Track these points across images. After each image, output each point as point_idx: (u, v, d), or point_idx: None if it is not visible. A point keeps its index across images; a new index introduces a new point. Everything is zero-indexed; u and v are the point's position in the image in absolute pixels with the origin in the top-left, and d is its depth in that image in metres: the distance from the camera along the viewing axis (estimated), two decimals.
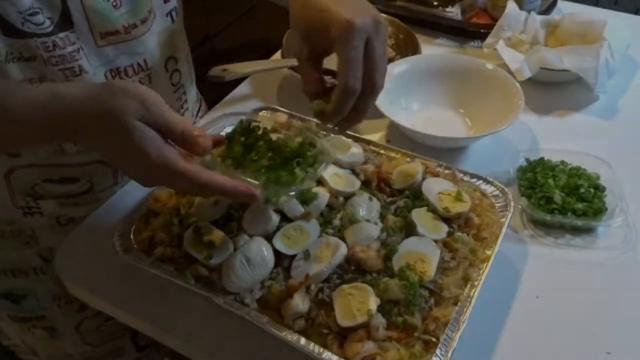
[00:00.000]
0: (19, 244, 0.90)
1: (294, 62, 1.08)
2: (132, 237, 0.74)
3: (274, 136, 0.72)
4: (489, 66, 1.04)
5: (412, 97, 1.03)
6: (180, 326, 0.71)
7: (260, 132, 0.71)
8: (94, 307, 0.79)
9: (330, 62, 0.71)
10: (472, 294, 0.66)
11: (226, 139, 0.70)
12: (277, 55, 1.16)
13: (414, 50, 1.11)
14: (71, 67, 0.73)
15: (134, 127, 0.57)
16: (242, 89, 1.12)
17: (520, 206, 0.84)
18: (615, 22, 1.14)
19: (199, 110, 1.05)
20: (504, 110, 0.96)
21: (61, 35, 0.71)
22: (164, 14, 0.84)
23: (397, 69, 1.02)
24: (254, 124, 0.71)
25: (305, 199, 0.74)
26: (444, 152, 0.93)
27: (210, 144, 0.64)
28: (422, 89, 1.03)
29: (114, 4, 0.74)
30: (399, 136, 0.97)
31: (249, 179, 0.65)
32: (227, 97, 1.09)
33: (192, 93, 0.98)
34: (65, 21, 0.71)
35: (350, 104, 0.65)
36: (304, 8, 0.67)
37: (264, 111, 0.94)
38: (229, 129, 0.80)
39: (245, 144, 0.69)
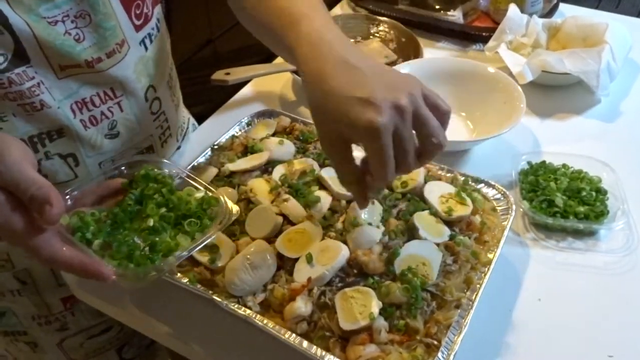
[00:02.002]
0: None
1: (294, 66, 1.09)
2: None
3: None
4: (491, 69, 1.04)
5: None
6: (183, 329, 0.71)
7: (161, 184, 0.68)
8: (101, 310, 0.80)
9: None
10: (474, 297, 0.67)
11: (123, 185, 0.67)
12: (279, 58, 1.17)
13: (416, 53, 1.11)
14: (31, 102, 0.69)
15: None
16: (245, 92, 1.12)
17: (522, 209, 0.84)
18: (617, 25, 1.14)
19: (185, 134, 1.00)
20: (506, 113, 0.96)
21: (17, 71, 0.67)
22: (137, 43, 0.78)
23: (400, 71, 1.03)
24: (157, 172, 0.69)
25: (308, 202, 0.74)
26: (445, 155, 0.93)
27: (57, 216, 0.56)
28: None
29: (77, 37, 0.69)
30: None
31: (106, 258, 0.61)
32: (230, 101, 1.10)
33: (176, 118, 0.93)
34: (20, 57, 0.67)
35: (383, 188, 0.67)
36: (318, 99, 0.59)
37: (266, 115, 0.95)
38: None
39: (138, 196, 0.67)
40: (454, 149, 0.96)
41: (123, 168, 0.72)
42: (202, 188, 0.70)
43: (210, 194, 0.69)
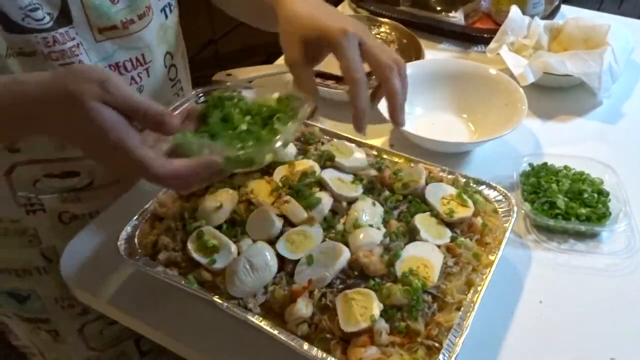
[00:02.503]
0: (21, 242, 0.91)
1: None
2: (136, 241, 0.74)
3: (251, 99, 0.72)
4: (492, 71, 1.04)
5: (415, 101, 1.02)
6: (184, 330, 0.71)
7: (235, 100, 0.70)
8: (97, 310, 0.80)
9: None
10: (475, 299, 0.66)
11: (200, 115, 0.68)
12: (281, 60, 1.17)
13: (417, 55, 1.11)
14: (71, 63, 0.75)
15: (91, 109, 0.56)
16: (247, 93, 1.12)
17: (523, 211, 0.84)
18: (618, 26, 1.14)
19: None
20: (508, 115, 0.96)
21: (61, 30, 0.73)
22: (159, 10, 0.86)
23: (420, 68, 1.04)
24: (225, 93, 0.71)
25: (309, 204, 0.74)
26: (447, 157, 0.93)
27: (177, 122, 0.61)
28: (426, 94, 1.03)
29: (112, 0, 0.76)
30: (402, 141, 0.97)
31: (228, 146, 0.64)
32: None
33: (189, 90, 1.00)
34: (64, 17, 0.73)
35: (364, 93, 0.67)
36: (294, 21, 0.70)
37: None
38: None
39: (220, 116, 0.68)
40: (455, 150, 0.96)
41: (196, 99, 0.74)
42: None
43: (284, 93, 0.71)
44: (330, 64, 1.10)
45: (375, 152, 0.87)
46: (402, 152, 0.86)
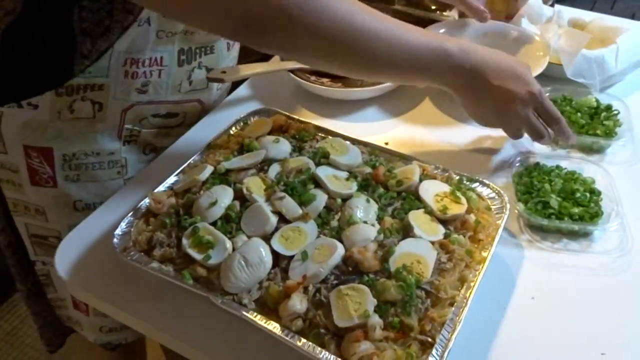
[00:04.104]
0: (113, 174, 0.96)
1: (292, 65, 1.09)
2: (131, 237, 0.74)
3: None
4: (514, 31, 1.15)
5: None
6: (178, 326, 0.71)
7: None
8: (93, 305, 0.80)
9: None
10: (468, 295, 0.67)
11: None
12: (276, 58, 1.17)
13: None
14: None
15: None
16: (241, 91, 1.12)
17: (517, 211, 0.84)
18: (635, 32, 1.14)
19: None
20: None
21: None
22: None
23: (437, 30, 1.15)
24: None
25: (304, 200, 0.75)
26: (440, 155, 0.94)
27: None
28: None
29: None
30: (397, 139, 0.98)
31: None
32: (226, 100, 1.10)
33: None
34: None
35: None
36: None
37: (262, 114, 0.95)
38: None
39: None
40: None
41: None
42: None
43: None
44: None
45: (369, 150, 0.87)
46: (397, 150, 0.87)
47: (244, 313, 0.65)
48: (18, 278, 1.08)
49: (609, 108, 1.04)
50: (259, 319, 0.65)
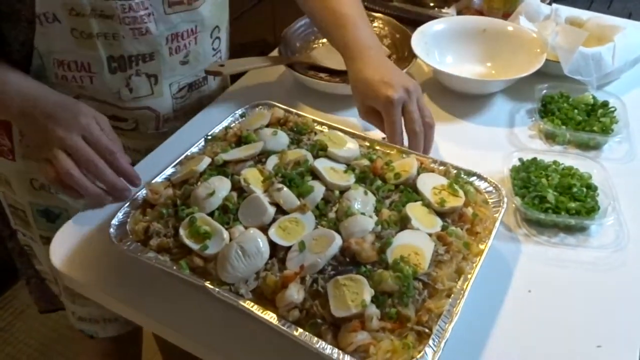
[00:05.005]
0: None
1: (290, 59, 1.09)
2: (128, 227, 0.74)
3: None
4: (510, 27, 1.16)
5: (446, 52, 1.17)
6: (175, 317, 0.71)
7: None
8: (88, 296, 0.79)
9: None
10: (465, 286, 0.67)
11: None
12: (275, 53, 1.17)
13: (410, 49, 1.12)
14: (139, 28, 0.87)
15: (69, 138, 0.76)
16: (240, 85, 1.12)
17: (514, 205, 0.85)
18: (634, 31, 1.15)
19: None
20: (528, 62, 1.07)
21: (137, 0, 0.85)
22: None
23: (435, 26, 1.17)
24: None
25: (301, 192, 0.74)
26: (438, 150, 0.94)
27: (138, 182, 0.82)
28: (455, 46, 1.17)
29: None
30: None
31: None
32: (224, 93, 1.10)
33: (226, 58, 1.10)
34: None
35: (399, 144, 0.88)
36: (356, 88, 0.93)
37: (260, 107, 0.95)
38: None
39: None
40: (480, 90, 1.09)
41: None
42: None
43: None
44: (324, 57, 1.11)
45: (367, 144, 0.87)
46: (394, 144, 0.87)
47: (241, 303, 0.65)
48: (6, 234, 1.12)
49: (605, 105, 1.04)
50: (255, 309, 0.65)
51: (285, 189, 0.75)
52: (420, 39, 1.13)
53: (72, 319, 1.10)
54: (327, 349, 0.61)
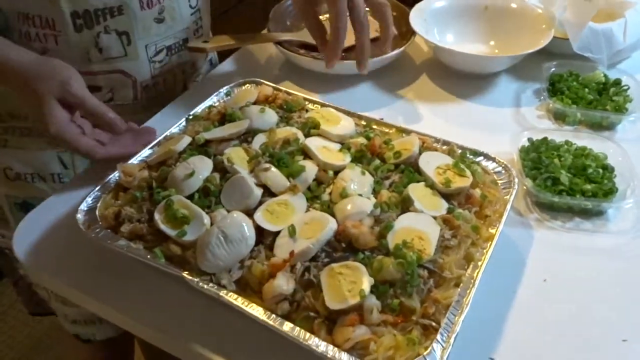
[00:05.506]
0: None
1: (279, 37, 1.02)
2: (97, 213, 0.66)
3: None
4: (514, 5, 1.09)
5: (446, 30, 1.10)
6: (149, 311, 0.64)
7: None
8: (56, 291, 0.71)
9: None
10: (475, 274, 0.60)
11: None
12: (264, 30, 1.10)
13: (408, 27, 1.04)
14: None
15: (47, 103, 0.72)
16: (226, 66, 1.05)
17: (525, 187, 0.77)
18: None
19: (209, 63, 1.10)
20: (534, 40, 1.00)
21: None
22: None
23: (435, 3, 1.10)
24: None
25: (292, 172, 0.67)
26: (440, 131, 0.87)
27: (124, 127, 0.77)
28: (456, 24, 1.10)
29: None
30: (393, 116, 0.91)
31: None
32: (212, 72, 1.03)
33: (208, 23, 1.02)
34: None
35: (341, 40, 0.82)
36: None
37: (247, 85, 0.88)
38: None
39: None
40: (482, 69, 1.03)
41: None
42: None
43: None
44: None
45: (364, 123, 0.80)
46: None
47: (223, 295, 0.58)
48: None
49: (618, 83, 0.97)
50: (240, 302, 0.57)
51: (273, 168, 0.67)
52: (419, 16, 1.06)
53: (65, 323, 1.02)
54: (321, 345, 0.54)
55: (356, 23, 0.83)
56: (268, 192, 0.66)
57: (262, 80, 0.87)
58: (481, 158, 0.75)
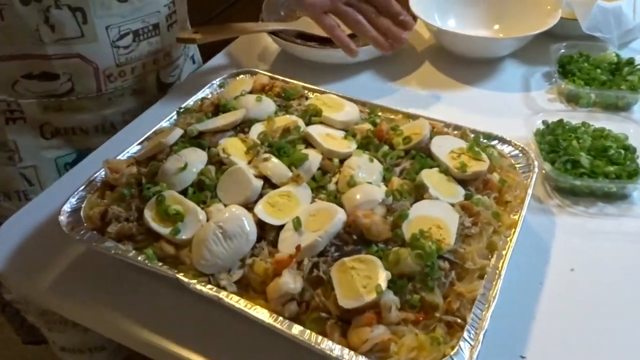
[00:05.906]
0: (2, 159, 0.85)
1: (273, 27, 0.97)
2: (82, 214, 0.61)
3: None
4: None
5: (448, 14, 1.06)
6: (142, 320, 0.58)
7: None
8: (41, 304, 0.65)
9: None
10: (500, 265, 0.54)
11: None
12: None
13: (406, 4, 1.00)
14: None
15: None
16: (218, 59, 1.00)
17: (544, 172, 0.72)
18: None
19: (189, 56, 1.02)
20: (539, 23, 0.96)
21: None
22: None
23: None
24: None
25: (294, 161, 0.62)
26: (448, 118, 0.82)
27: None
28: (458, 8, 1.06)
29: None
30: (397, 104, 0.86)
31: None
32: (206, 64, 0.99)
33: (184, 10, 0.94)
34: None
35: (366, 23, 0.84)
36: None
37: (242, 75, 0.82)
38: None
39: None
40: (483, 53, 0.99)
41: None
42: None
43: None
44: (312, 26, 0.99)
45: (368, 110, 0.75)
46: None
47: (223, 297, 0.52)
48: None
49: (631, 62, 0.93)
50: (242, 304, 0.52)
51: (273, 158, 0.62)
52: (420, 1, 1.01)
53: (54, 349, 0.95)
54: (336, 349, 0.48)
55: (351, 26, 0.84)
56: (269, 184, 0.61)
57: (257, 70, 0.82)
58: (496, 142, 0.70)
